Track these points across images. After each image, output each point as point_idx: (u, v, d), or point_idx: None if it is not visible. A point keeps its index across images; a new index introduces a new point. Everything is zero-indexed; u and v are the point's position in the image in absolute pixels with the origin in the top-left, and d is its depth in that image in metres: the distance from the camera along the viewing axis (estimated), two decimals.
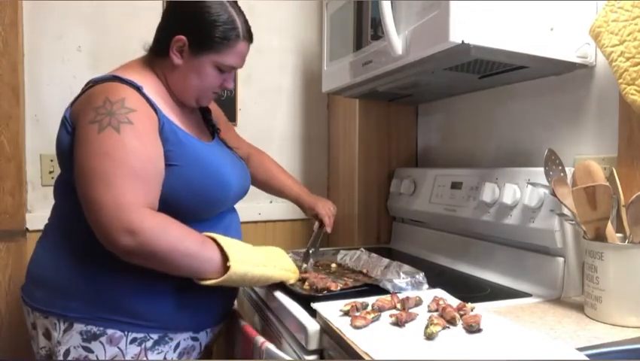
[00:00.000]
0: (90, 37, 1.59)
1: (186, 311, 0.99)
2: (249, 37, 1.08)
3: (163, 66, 1.06)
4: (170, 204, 0.95)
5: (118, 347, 0.94)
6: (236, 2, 1.07)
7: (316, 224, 1.38)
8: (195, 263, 0.91)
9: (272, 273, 1.01)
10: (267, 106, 1.87)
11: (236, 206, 1.17)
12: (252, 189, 1.36)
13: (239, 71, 1.79)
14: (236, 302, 1.18)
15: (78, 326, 0.93)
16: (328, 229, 1.36)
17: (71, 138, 0.95)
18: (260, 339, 0.93)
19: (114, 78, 0.97)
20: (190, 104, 1.10)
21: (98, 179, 0.87)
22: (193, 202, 0.99)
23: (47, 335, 0.97)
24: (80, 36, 1.58)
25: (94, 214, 0.86)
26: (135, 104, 0.93)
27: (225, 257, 0.93)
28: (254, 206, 1.79)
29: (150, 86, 1.02)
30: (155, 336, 0.97)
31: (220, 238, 0.95)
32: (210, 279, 0.93)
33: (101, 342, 0.93)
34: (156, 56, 1.06)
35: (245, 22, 1.07)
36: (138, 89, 0.96)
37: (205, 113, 1.22)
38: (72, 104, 0.99)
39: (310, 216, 1.40)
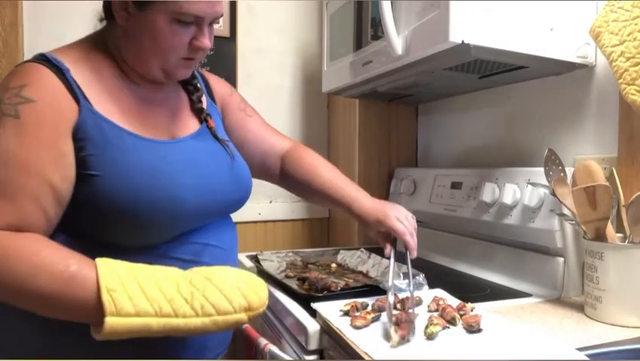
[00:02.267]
0: None
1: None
2: None
3: (114, 35, 0.84)
4: (87, 231, 0.74)
5: None
6: None
7: (388, 248, 0.96)
8: (57, 308, 0.66)
9: (190, 325, 0.67)
10: (267, 106, 1.86)
11: None
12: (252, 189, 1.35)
13: (239, 71, 1.78)
14: None
15: None
16: (413, 253, 0.95)
17: None
18: (263, 341, 0.92)
19: (39, 57, 0.78)
20: (157, 77, 0.85)
21: None
22: (120, 227, 0.74)
23: None
24: (80, 36, 1.57)
25: None
26: (39, 93, 0.73)
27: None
28: (254, 206, 1.79)
29: (92, 66, 0.81)
30: None
31: (106, 271, 0.66)
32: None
33: None
34: (108, 25, 0.86)
35: None
36: (62, 72, 0.76)
37: (191, 94, 0.95)
38: None
39: (375, 236, 0.99)
